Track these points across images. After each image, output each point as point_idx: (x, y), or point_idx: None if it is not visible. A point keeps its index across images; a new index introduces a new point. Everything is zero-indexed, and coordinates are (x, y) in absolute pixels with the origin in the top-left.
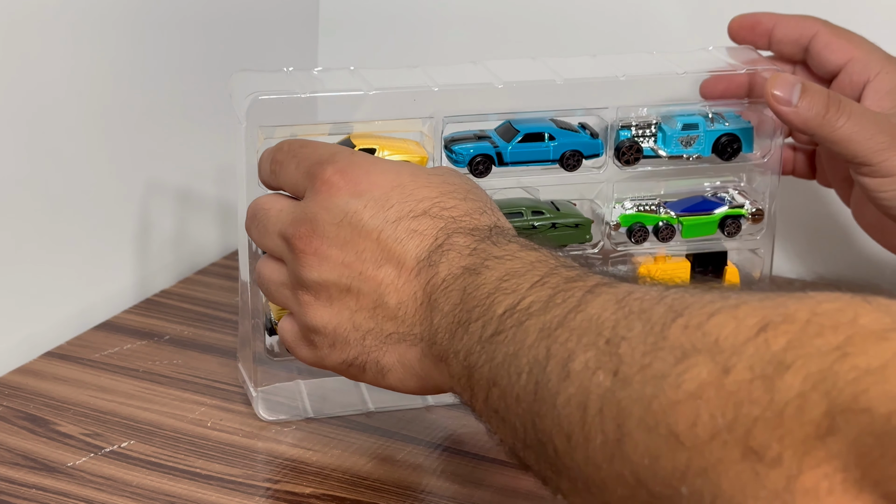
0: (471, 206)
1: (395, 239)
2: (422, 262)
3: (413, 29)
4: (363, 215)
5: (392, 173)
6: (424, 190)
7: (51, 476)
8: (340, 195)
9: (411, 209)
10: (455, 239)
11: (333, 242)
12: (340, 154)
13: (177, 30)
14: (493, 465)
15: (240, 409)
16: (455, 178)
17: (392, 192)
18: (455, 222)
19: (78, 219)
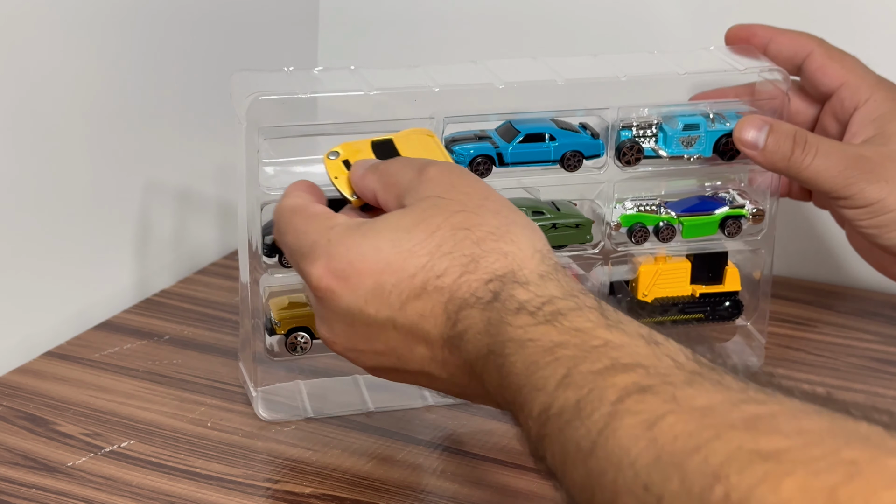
0: (463, 260)
1: (411, 325)
2: (448, 342)
3: (413, 29)
4: (369, 311)
5: (372, 253)
6: (411, 260)
7: (51, 476)
8: (337, 299)
9: (409, 290)
10: (465, 319)
11: (358, 341)
12: (318, 246)
13: (177, 30)
14: (493, 465)
15: (240, 408)
16: (437, 218)
17: (381, 276)
18: (455, 295)
19: (78, 219)
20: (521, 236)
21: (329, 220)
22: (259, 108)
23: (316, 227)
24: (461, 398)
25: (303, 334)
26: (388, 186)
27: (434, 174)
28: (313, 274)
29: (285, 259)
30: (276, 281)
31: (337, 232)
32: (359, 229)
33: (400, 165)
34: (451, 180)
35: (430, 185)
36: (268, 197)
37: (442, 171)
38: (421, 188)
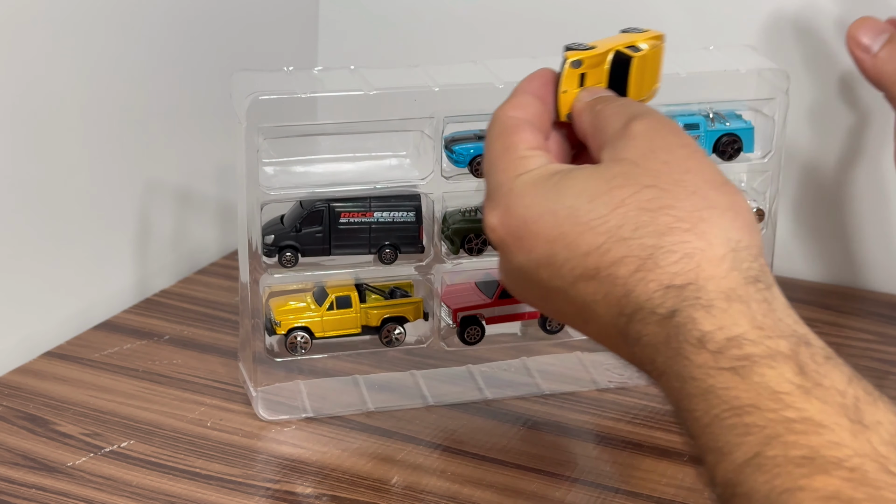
0: (641, 253)
1: (582, 302)
2: (621, 333)
3: (413, 29)
4: (540, 276)
5: (548, 218)
6: (587, 237)
7: (50, 476)
8: (509, 254)
9: (581, 270)
10: (640, 326)
11: (530, 294)
12: (500, 191)
13: (177, 30)
14: (493, 465)
15: (240, 408)
16: (624, 191)
17: (555, 246)
18: (630, 293)
19: (77, 218)
20: (714, 227)
21: (524, 161)
22: (259, 108)
23: (507, 164)
24: None
25: (303, 334)
26: (595, 132)
27: (638, 132)
28: (489, 221)
29: (285, 259)
30: (275, 281)
31: (523, 182)
32: (545, 184)
33: (613, 111)
34: (653, 143)
35: (630, 146)
36: (268, 197)
37: (647, 131)
38: (620, 146)
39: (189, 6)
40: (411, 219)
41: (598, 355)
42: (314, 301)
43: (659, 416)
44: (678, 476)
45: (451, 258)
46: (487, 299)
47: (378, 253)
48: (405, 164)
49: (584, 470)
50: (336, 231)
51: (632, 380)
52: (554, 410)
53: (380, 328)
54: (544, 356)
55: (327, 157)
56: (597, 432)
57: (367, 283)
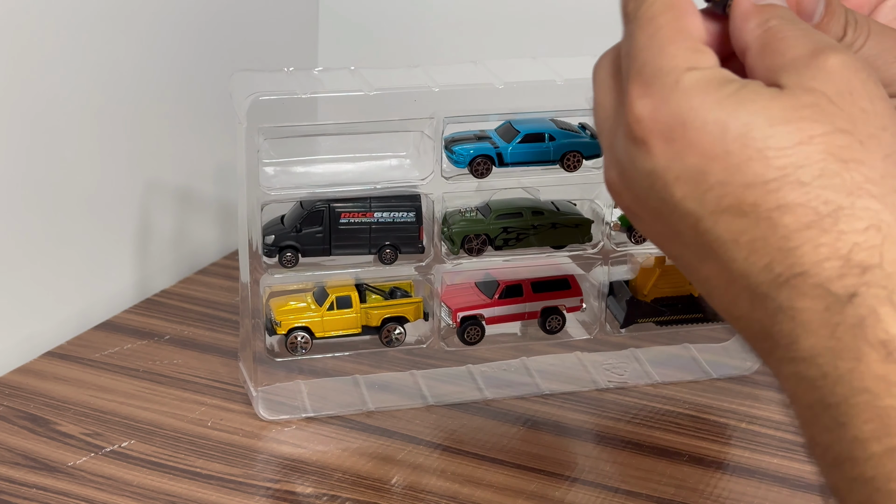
0: (821, 206)
1: (715, 237)
2: (755, 294)
3: (413, 29)
4: (674, 191)
5: (717, 129)
6: (755, 165)
7: (51, 476)
8: (647, 152)
9: (734, 199)
10: (799, 296)
11: (644, 205)
12: (663, 76)
13: (177, 30)
14: (493, 465)
15: (240, 408)
16: (814, 126)
17: (713, 162)
18: (794, 248)
19: (78, 219)
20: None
21: (696, 54)
22: (259, 109)
23: (677, 50)
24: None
25: (303, 334)
26: (766, 50)
27: (835, 66)
28: (636, 107)
29: (286, 259)
30: (276, 281)
31: (694, 78)
32: (719, 90)
33: (794, 33)
34: (851, 83)
35: (825, 78)
36: (268, 197)
37: (846, 69)
38: (808, 74)
39: (189, 6)
40: (411, 219)
41: (598, 355)
42: (314, 301)
43: (658, 415)
44: (678, 476)
45: (451, 258)
46: (487, 299)
47: (378, 253)
48: (405, 164)
49: (583, 470)
50: (336, 231)
51: (631, 380)
52: (554, 410)
53: (380, 328)
54: (544, 356)
55: (327, 158)
56: (596, 432)
57: (368, 283)
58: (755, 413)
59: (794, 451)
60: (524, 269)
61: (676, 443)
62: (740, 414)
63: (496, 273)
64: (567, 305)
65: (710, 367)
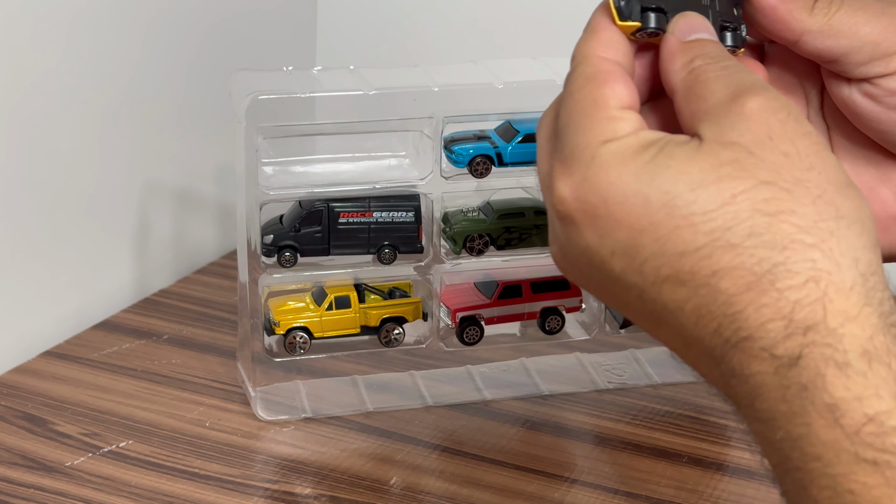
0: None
1: (661, 306)
2: (712, 357)
3: (413, 29)
4: (613, 266)
5: (638, 201)
6: (684, 233)
7: (49, 476)
8: (576, 233)
9: (670, 270)
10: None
11: (588, 279)
12: (579, 156)
13: (176, 29)
14: (492, 465)
15: (238, 408)
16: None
17: (641, 237)
18: (736, 316)
19: (77, 218)
20: (842, 244)
21: (613, 124)
22: (258, 108)
23: (592, 124)
24: None
25: (301, 334)
26: (690, 95)
27: (753, 111)
28: (559, 190)
29: (284, 259)
30: (274, 281)
31: (609, 151)
32: (636, 159)
33: (716, 74)
34: (770, 128)
35: (742, 128)
36: (267, 196)
37: (763, 111)
38: (727, 124)
39: (189, 6)
40: (410, 219)
41: (598, 356)
42: (313, 301)
43: (658, 416)
44: (677, 477)
45: (450, 258)
46: (486, 300)
47: (377, 253)
48: (404, 164)
49: (583, 471)
50: (335, 231)
51: (631, 380)
52: (553, 411)
53: (379, 328)
54: (543, 357)
55: (326, 157)
56: (596, 433)
57: (366, 283)
58: None
59: None
60: (523, 269)
61: (676, 444)
62: None
63: (495, 273)
64: (566, 306)
65: None
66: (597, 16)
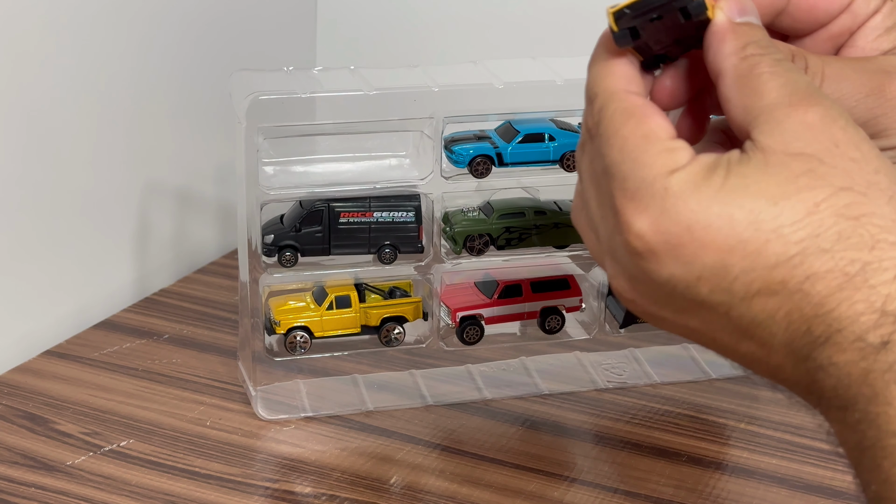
0: (848, 267)
1: (751, 319)
2: (794, 355)
3: (413, 29)
4: (699, 290)
5: (722, 225)
6: (775, 246)
7: (50, 475)
8: (659, 265)
9: (762, 283)
10: (833, 352)
11: (665, 307)
12: (650, 190)
13: (177, 30)
14: (492, 465)
15: (239, 408)
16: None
17: (730, 256)
18: (827, 312)
19: (77, 217)
20: None
21: (672, 154)
22: (259, 108)
23: (652, 158)
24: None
25: (302, 333)
26: (744, 86)
27: (816, 121)
28: (635, 225)
29: (285, 258)
30: (275, 280)
31: (678, 181)
32: (709, 183)
33: (774, 67)
34: (835, 136)
35: (807, 136)
36: (267, 196)
37: (825, 119)
38: (791, 133)
39: (189, 6)
40: (411, 219)
41: (598, 355)
42: (314, 301)
43: (657, 416)
44: (677, 476)
45: (451, 258)
46: (487, 299)
47: (377, 253)
48: (405, 164)
49: (582, 470)
50: (336, 231)
51: (630, 380)
52: (553, 410)
53: (379, 328)
54: (543, 356)
55: (327, 157)
56: (596, 432)
57: (367, 282)
58: (754, 413)
59: (793, 452)
60: (523, 268)
61: (675, 443)
62: (739, 414)
63: (495, 273)
64: (566, 305)
65: (709, 368)
66: (605, 48)
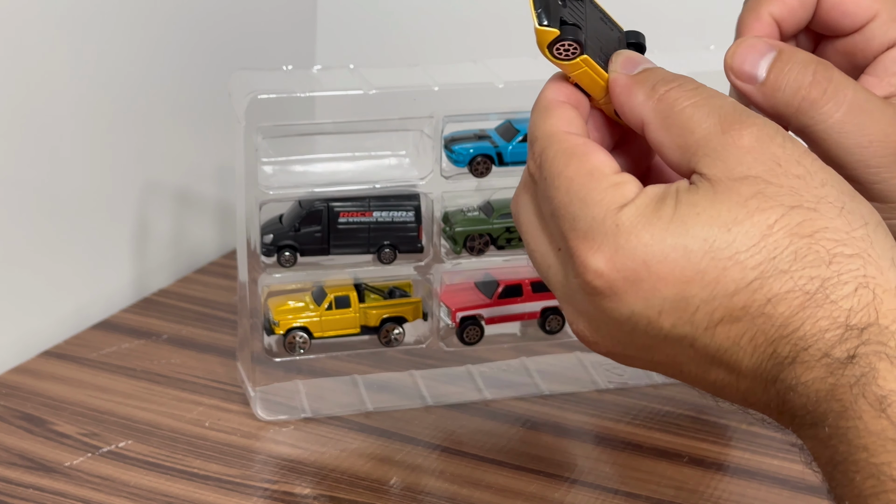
0: (807, 285)
1: (716, 349)
2: (762, 379)
3: (412, 28)
4: (662, 324)
5: (678, 257)
6: (733, 272)
7: (48, 476)
8: (618, 303)
9: (724, 311)
10: (800, 372)
11: (629, 345)
12: (602, 229)
13: (176, 29)
14: (492, 466)
15: (238, 408)
16: (768, 216)
17: (688, 287)
18: (791, 333)
19: (76, 218)
20: (877, 247)
21: (618, 189)
22: (258, 107)
23: (600, 196)
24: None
25: (301, 334)
26: (671, 126)
27: (752, 143)
28: (591, 265)
29: (284, 258)
30: (274, 280)
31: (629, 216)
32: (660, 215)
33: (694, 104)
34: (775, 154)
35: (747, 159)
36: (266, 196)
37: (761, 140)
38: (731, 159)
39: (189, 6)
40: (410, 218)
41: (598, 356)
42: (313, 301)
43: (658, 416)
44: (677, 477)
45: (451, 258)
46: (487, 299)
47: (377, 253)
48: (404, 163)
49: (583, 471)
50: (335, 231)
51: (631, 380)
52: (553, 411)
53: (379, 328)
54: (544, 356)
55: (326, 157)
56: (596, 433)
57: (366, 282)
58: (755, 414)
59: (795, 453)
60: (524, 268)
61: (676, 444)
62: (740, 415)
63: (496, 273)
64: None
65: None
66: (546, 94)
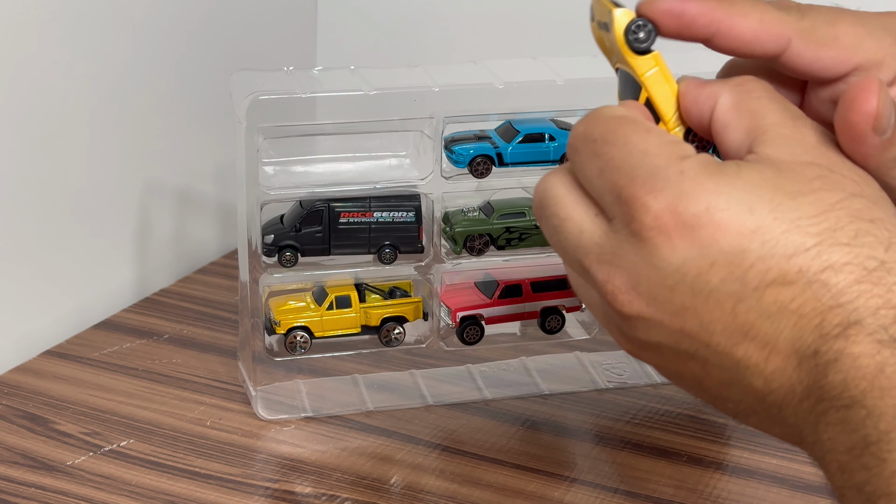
0: (867, 262)
1: (759, 313)
2: (803, 355)
3: (413, 29)
4: (710, 278)
5: (744, 209)
6: (794, 236)
7: (50, 475)
8: (673, 247)
9: (779, 271)
10: (848, 343)
11: (664, 308)
12: (665, 174)
13: (177, 30)
14: (492, 465)
15: (239, 408)
16: (831, 196)
17: (748, 241)
18: (845, 302)
19: (77, 217)
20: None
21: (678, 145)
22: (259, 108)
23: (660, 148)
24: (730, 400)
25: (302, 333)
26: (743, 109)
27: (819, 139)
28: (652, 207)
29: (285, 258)
30: (275, 280)
31: (692, 165)
32: (723, 172)
33: (769, 97)
34: (840, 152)
35: (812, 151)
36: (267, 196)
37: (828, 140)
38: (798, 145)
39: (189, 6)
40: (411, 219)
41: (598, 355)
42: (314, 301)
43: (658, 416)
44: (677, 476)
45: (451, 258)
46: (487, 299)
47: (378, 253)
48: (405, 164)
49: (583, 470)
50: (336, 231)
51: (631, 380)
52: (553, 410)
53: (379, 328)
54: (544, 356)
55: (327, 157)
56: (596, 432)
57: (367, 282)
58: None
59: (794, 452)
60: (524, 268)
61: (676, 443)
62: None
63: (496, 273)
64: (566, 305)
65: None
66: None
